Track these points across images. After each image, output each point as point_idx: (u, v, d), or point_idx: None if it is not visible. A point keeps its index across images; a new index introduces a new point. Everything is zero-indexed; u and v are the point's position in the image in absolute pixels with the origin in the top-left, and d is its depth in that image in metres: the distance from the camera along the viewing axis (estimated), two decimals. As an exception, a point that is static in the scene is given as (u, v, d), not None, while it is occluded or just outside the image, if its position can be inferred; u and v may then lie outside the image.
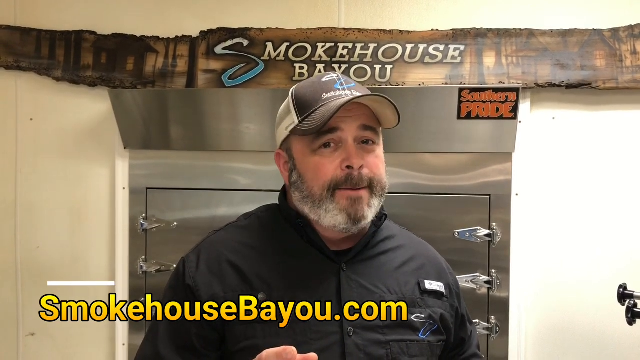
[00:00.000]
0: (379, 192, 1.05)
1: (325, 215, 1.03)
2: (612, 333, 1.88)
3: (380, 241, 1.14)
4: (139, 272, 2.05)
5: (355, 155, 1.02)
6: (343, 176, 1.02)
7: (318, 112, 1.02)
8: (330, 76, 1.08)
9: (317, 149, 1.04)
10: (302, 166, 1.06)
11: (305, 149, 1.05)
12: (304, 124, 1.03)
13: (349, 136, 1.03)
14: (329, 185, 1.02)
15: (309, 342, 1.00)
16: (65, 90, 2.12)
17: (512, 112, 1.80)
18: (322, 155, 1.03)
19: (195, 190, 2.03)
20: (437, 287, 1.13)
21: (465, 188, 1.91)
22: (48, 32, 2.10)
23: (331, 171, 1.02)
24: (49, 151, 2.15)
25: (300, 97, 1.07)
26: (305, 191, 1.06)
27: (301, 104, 1.06)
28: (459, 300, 1.19)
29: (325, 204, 1.03)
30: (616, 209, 1.90)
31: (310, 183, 1.05)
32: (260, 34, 2.00)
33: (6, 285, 2.17)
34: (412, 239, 1.22)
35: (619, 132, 1.90)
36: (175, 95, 2.01)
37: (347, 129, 1.02)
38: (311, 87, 1.08)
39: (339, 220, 1.02)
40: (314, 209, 1.04)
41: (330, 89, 1.05)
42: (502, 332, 1.89)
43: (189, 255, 1.11)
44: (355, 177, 1.02)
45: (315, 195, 1.04)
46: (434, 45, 1.93)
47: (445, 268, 1.21)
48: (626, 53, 1.85)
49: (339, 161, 1.02)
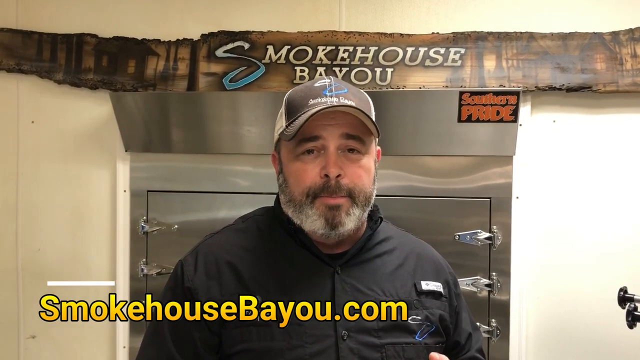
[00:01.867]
0: (361, 202, 1.05)
1: (306, 220, 1.04)
2: (612, 336, 1.87)
3: (375, 244, 1.14)
4: (139, 275, 2.05)
5: (333, 164, 1.02)
6: (321, 184, 1.03)
7: (300, 118, 1.02)
8: (322, 82, 1.08)
9: (299, 155, 1.05)
10: (286, 170, 1.08)
11: (289, 154, 1.07)
12: (288, 128, 1.04)
13: (331, 144, 1.03)
14: (308, 192, 1.03)
15: (303, 346, 1.00)
16: (67, 93, 2.12)
17: (512, 115, 1.81)
18: (304, 162, 1.04)
19: (196, 193, 2.04)
20: (434, 287, 1.13)
21: (465, 191, 1.91)
22: (49, 35, 2.11)
23: (310, 178, 1.03)
24: (50, 154, 2.15)
25: (290, 101, 1.08)
26: (288, 195, 1.07)
27: (290, 108, 1.07)
28: (458, 300, 1.19)
29: (305, 209, 1.04)
30: (616, 212, 1.90)
31: (292, 188, 1.06)
32: (261, 37, 2.01)
33: (7, 287, 2.17)
34: (409, 240, 1.21)
35: (620, 136, 1.90)
36: (176, 98, 2.01)
37: (329, 137, 1.03)
38: (302, 92, 1.08)
39: (317, 225, 1.03)
40: (296, 213, 1.06)
41: (318, 95, 1.05)
42: (502, 335, 1.89)
43: (186, 257, 1.11)
44: (332, 186, 1.02)
45: (296, 200, 1.05)
46: (435, 48, 1.93)
47: (444, 266, 1.20)
48: (626, 56, 1.85)
49: (319, 169, 1.03)
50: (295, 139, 1.03)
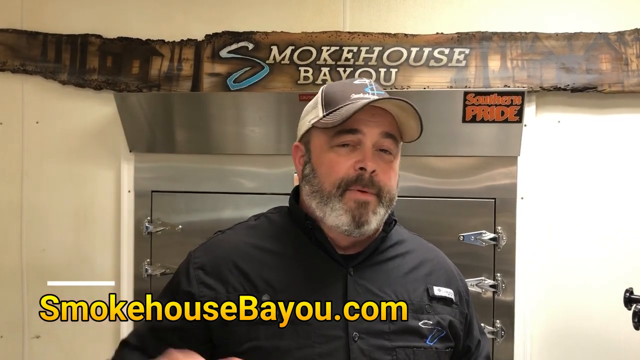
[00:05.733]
0: (386, 202, 1.05)
1: (331, 214, 1.03)
2: (618, 338, 1.87)
3: (389, 246, 1.13)
4: (144, 275, 2.05)
5: (371, 158, 1.02)
6: (355, 176, 1.02)
7: (343, 108, 1.02)
8: (362, 80, 1.09)
9: (334, 146, 1.04)
10: (317, 160, 1.07)
11: (323, 144, 1.06)
12: (327, 118, 1.04)
13: (369, 140, 1.03)
14: (340, 182, 1.02)
15: (312, 346, 1.00)
16: (71, 94, 2.13)
17: (517, 115, 1.80)
18: (339, 153, 1.04)
19: (200, 194, 2.04)
20: (446, 294, 1.12)
21: (470, 191, 1.91)
22: (54, 35, 2.11)
23: (344, 169, 1.02)
24: (55, 154, 2.16)
25: (329, 93, 1.08)
26: (315, 185, 1.06)
27: (329, 99, 1.07)
28: (469, 308, 1.18)
29: (333, 201, 1.03)
30: (622, 213, 1.89)
31: (321, 178, 1.05)
32: (265, 38, 2.01)
33: (12, 287, 2.18)
34: (422, 245, 1.21)
35: (625, 136, 1.90)
36: (180, 98, 2.02)
37: (368, 133, 1.03)
38: (342, 87, 1.09)
39: (342, 220, 1.02)
40: (321, 205, 1.04)
41: (360, 91, 1.05)
42: (507, 336, 1.88)
43: (195, 251, 1.11)
44: (366, 179, 1.01)
45: (324, 190, 1.04)
46: (439, 48, 1.93)
47: (455, 274, 1.20)
48: (632, 56, 1.85)
49: (354, 161, 1.02)
50: (335, 129, 1.03)
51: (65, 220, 2.16)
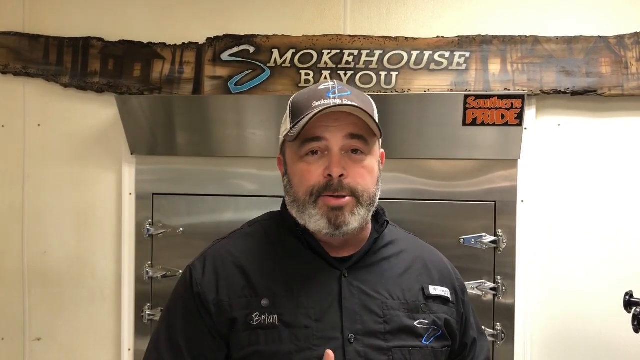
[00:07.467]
0: (365, 201, 1.06)
1: (310, 220, 1.06)
2: (618, 341, 1.87)
3: (382, 247, 1.14)
4: (145, 278, 2.05)
5: (336, 164, 1.03)
6: (324, 183, 1.04)
7: (303, 119, 1.04)
8: (326, 84, 1.09)
9: (303, 156, 1.06)
10: (291, 171, 1.09)
11: (294, 155, 1.08)
12: (292, 130, 1.06)
13: (334, 145, 1.04)
14: (311, 190, 1.04)
15: (311, 349, 1.01)
16: (73, 97, 2.14)
17: (517, 118, 1.80)
18: (308, 162, 1.06)
19: (201, 196, 2.04)
20: (442, 292, 1.13)
21: (470, 194, 1.91)
22: (56, 38, 2.12)
23: (314, 177, 1.04)
24: (56, 157, 2.17)
25: (295, 103, 1.10)
26: (292, 195, 1.09)
27: (295, 110, 1.09)
28: (465, 306, 1.19)
29: (308, 209, 1.05)
30: (622, 216, 1.90)
31: (296, 188, 1.08)
32: (266, 41, 2.01)
33: (13, 289, 2.18)
34: (417, 243, 1.22)
35: (625, 139, 1.90)
36: (181, 101, 2.02)
37: (332, 138, 1.04)
38: (306, 95, 1.10)
39: (321, 225, 1.04)
40: (300, 214, 1.07)
41: (321, 97, 1.06)
42: (507, 339, 1.88)
43: (194, 263, 1.12)
44: (335, 185, 1.03)
45: (299, 200, 1.06)
46: (440, 52, 1.93)
47: (451, 272, 1.20)
48: (632, 60, 1.85)
49: (322, 169, 1.04)
50: (299, 139, 1.04)
51: (67, 222, 2.17)
